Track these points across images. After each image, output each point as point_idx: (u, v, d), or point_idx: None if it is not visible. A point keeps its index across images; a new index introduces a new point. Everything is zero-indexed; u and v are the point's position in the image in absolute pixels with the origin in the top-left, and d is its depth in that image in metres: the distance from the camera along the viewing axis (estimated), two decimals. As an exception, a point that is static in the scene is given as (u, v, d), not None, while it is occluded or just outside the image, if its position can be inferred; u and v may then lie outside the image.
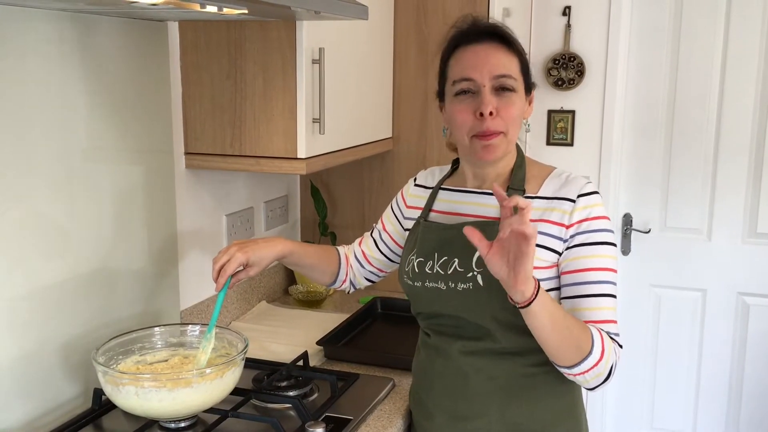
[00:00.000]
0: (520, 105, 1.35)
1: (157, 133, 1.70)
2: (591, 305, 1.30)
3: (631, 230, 2.85)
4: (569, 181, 1.37)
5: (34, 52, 1.35)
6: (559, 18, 2.74)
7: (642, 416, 2.99)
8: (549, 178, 1.39)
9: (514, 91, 1.34)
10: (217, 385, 1.36)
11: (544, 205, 1.35)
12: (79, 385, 1.52)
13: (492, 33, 1.35)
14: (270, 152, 1.75)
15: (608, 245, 1.33)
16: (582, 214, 1.33)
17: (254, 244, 1.49)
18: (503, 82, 1.33)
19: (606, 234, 1.33)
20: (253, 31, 1.71)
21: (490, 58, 1.33)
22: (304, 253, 1.58)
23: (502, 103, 1.33)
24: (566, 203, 1.34)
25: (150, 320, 1.70)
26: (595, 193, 1.35)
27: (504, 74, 1.33)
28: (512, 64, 1.34)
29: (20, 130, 1.34)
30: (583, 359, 1.24)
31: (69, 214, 1.47)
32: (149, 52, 1.65)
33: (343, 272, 1.66)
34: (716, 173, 2.73)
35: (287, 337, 1.97)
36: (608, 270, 1.31)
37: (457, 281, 1.34)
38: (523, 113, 1.39)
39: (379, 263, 1.65)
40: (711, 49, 2.65)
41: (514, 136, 1.37)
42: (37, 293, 1.41)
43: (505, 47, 1.35)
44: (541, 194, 1.37)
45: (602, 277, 1.31)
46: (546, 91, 2.80)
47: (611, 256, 1.32)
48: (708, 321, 2.84)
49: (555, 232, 1.33)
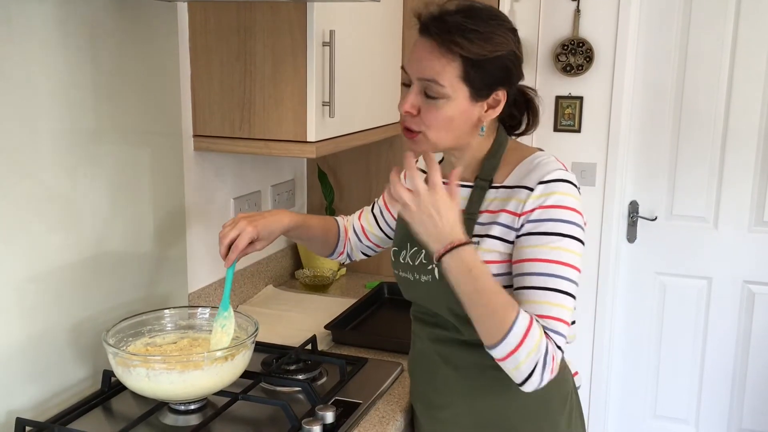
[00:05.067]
0: (450, 111, 1.22)
1: (165, 115, 1.69)
2: (531, 298, 1.18)
3: (638, 217, 2.85)
4: (537, 167, 1.25)
5: (39, 33, 1.34)
6: (568, 3, 2.72)
7: (645, 404, 3.00)
8: (520, 164, 1.28)
9: (439, 98, 1.21)
10: (227, 368, 1.36)
11: (505, 195, 1.26)
12: (88, 367, 1.52)
13: (436, 30, 1.20)
14: (279, 135, 1.74)
15: (566, 237, 1.19)
16: (536, 202, 1.21)
17: (262, 218, 1.45)
18: (426, 87, 1.22)
19: (564, 225, 1.20)
20: (263, 12, 1.69)
21: (422, 58, 1.22)
22: (308, 226, 1.56)
23: (426, 105, 1.23)
24: (523, 191, 1.23)
25: (158, 303, 1.70)
26: (562, 181, 1.22)
27: (428, 79, 1.21)
28: (446, 69, 1.20)
29: (26, 112, 1.33)
30: (503, 338, 1.12)
31: (77, 196, 1.46)
32: (158, 34, 1.63)
33: (342, 245, 1.65)
34: (723, 161, 2.72)
35: (294, 321, 1.97)
36: (560, 263, 1.18)
37: (421, 273, 1.34)
38: (465, 117, 1.24)
39: (377, 239, 1.63)
40: (721, 36, 2.63)
41: (440, 138, 1.25)
42: (46, 276, 1.41)
43: (444, 49, 1.19)
44: (506, 183, 1.28)
45: (550, 270, 1.18)
46: (554, 76, 2.78)
47: (568, 249, 1.19)
48: (713, 309, 2.84)
49: (508, 221, 1.24)
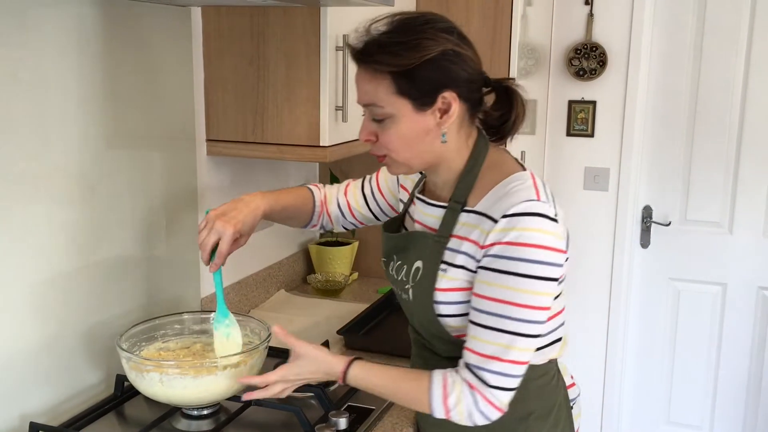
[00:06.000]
0: (401, 128, 1.19)
1: (178, 120, 1.69)
2: (474, 333, 1.17)
3: (651, 223, 2.83)
4: (507, 195, 1.18)
5: (54, 39, 1.34)
6: (581, 7, 2.71)
7: (659, 410, 2.97)
8: (495, 188, 1.21)
9: (385, 119, 1.19)
10: (241, 373, 1.35)
11: (474, 221, 1.20)
12: (101, 372, 1.52)
13: (359, 56, 1.19)
14: (292, 140, 1.74)
15: (521, 277, 1.13)
16: (496, 237, 1.15)
17: (238, 212, 1.35)
18: (372, 112, 1.20)
19: (521, 264, 1.13)
20: (276, 17, 1.69)
21: (358, 86, 1.21)
22: (282, 207, 1.49)
23: (380, 129, 1.21)
24: (488, 222, 1.17)
25: (170, 308, 1.70)
26: (529, 215, 1.14)
27: (368, 104, 1.20)
28: (378, 89, 1.17)
29: (41, 117, 1.33)
30: (431, 410, 1.18)
31: (91, 200, 1.46)
32: (172, 38, 1.64)
33: (316, 218, 1.58)
34: (739, 166, 2.70)
35: (307, 327, 1.96)
36: (510, 304, 1.13)
37: (401, 289, 1.34)
38: (419, 130, 1.19)
39: (363, 218, 1.59)
40: (735, 40, 2.62)
41: (406, 158, 1.22)
42: (60, 280, 1.41)
43: (371, 71, 1.17)
44: (477, 208, 1.21)
45: (498, 310, 1.14)
46: (567, 81, 2.77)
47: (524, 290, 1.13)
48: (728, 315, 2.81)
49: (471, 251, 1.19)
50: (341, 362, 1.25)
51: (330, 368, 1.25)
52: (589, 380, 2.96)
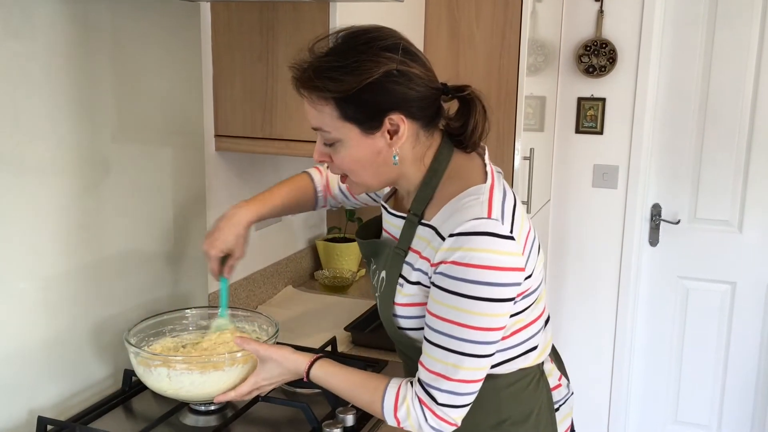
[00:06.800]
0: (351, 152, 1.16)
1: (187, 115, 1.69)
2: (425, 348, 1.16)
3: (660, 221, 2.82)
4: (458, 211, 1.13)
5: (62, 33, 1.34)
6: (591, 3, 2.70)
7: (667, 409, 2.96)
8: (450, 201, 1.16)
9: (334, 143, 1.17)
10: (249, 369, 1.35)
11: (428, 236, 1.17)
12: (109, 366, 1.52)
13: (300, 83, 1.15)
14: (301, 135, 1.74)
15: (465, 298, 1.09)
16: (443, 255, 1.11)
17: (218, 232, 1.42)
18: (322, 135, 1.18)
19: (466, 285, 1.09)
20: (285, 12, 1.69)
21: (306, 110, 1.18)
22: (271, 208, 1.49)
23: (332, 151, 1.19)
24: (438, 239, 1.14)
25: (178, 303, 1.70)
26: (476, 234, 1.09)
27: (316, 128, 1.18)
28: (323, 114, 1.14)
29: (49, 111, 1.33)
30: (384, 419, 1.20)
31: (99, 195, 1.46)
32: (180, 33, 1.63)
33: (321, 201, 1.58)
34: (749, 164, 2.68)
35: (314, 323, 1.96)
36: (455, 324, 1.11)
37: (374, 294, 1.33)
38: (370, 153, 1.16)
39: (366, 200, 1.59)
40: (747, 38, 2.60)
41: (363, 178, 1.21)
42: (68, 275, 1.41)
43: (314, 97, 1.14)
44: (432, 222, 1.18)
45: (444, 329, 1.12)
46: (576, 78, 2.76)
47: (468, 310, 1.09)
48: (737, 314, 2.80)
49: (424, 267, 1.17)
50: (305, 361, 1.26)
51: (296, 367, 1.27)
52: (596, 378, 2.95)
